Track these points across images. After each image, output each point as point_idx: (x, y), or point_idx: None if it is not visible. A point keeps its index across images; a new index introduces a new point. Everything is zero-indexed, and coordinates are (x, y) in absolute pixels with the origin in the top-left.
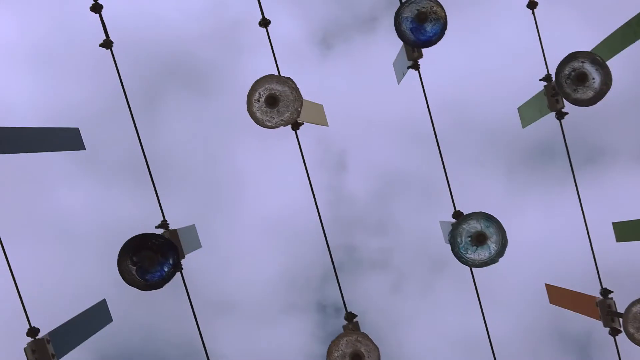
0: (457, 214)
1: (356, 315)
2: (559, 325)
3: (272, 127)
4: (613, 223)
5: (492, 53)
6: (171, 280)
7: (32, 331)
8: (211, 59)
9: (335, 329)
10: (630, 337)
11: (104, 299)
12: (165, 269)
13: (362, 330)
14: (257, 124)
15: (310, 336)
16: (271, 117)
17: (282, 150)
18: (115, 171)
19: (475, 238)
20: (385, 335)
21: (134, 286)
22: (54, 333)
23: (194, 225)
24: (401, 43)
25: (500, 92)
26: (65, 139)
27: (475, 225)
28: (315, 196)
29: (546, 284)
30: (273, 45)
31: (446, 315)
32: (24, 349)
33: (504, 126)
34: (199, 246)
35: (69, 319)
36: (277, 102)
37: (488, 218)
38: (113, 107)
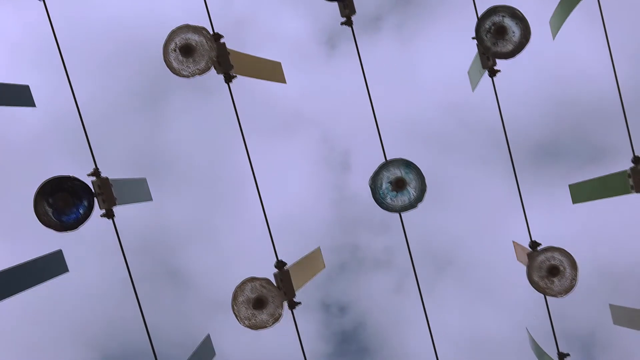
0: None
1: (286, 264)
2: (561, 326)
3: (188, 76)
4: (569, 185)
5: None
6: (172, 280)
7: None
8: None
9: (339, 328)
10: (536, 286)
11: (60, 250)
12: (81, 211)
13: (365, 331)
14: (174, 73)
15: (314, 335)
16: (187, 66)
17: (285, 150)
18: (118, 169)
19: (395, 184)
20: (388, 335)
21: (50, 227)
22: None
23: (144, 178)
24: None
25: (503, 92)
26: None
27: (395, 172)
28: (319, 195)
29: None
30: (279, 43)
31: (449, 315)
32: None
33: (508, 125)
34: (149, 199)
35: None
36: (192, 52)
37: (408, 165)
38: (118, 106)
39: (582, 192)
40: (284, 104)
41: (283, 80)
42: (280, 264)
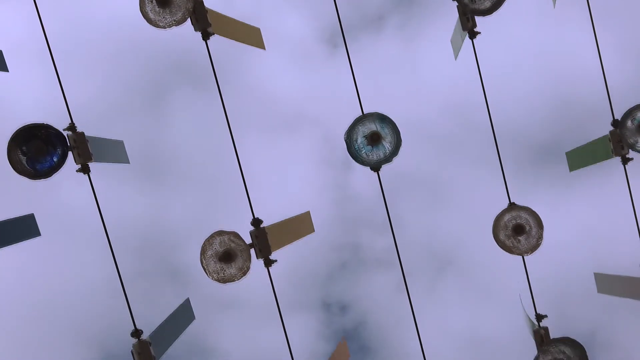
0: None
1: (262, 221)
2: (562, 326)
3: (164, 27)
4: (566, 153)
5: (498, 53)
6: (173, 279)
7: None
8: (216, 56)
9: (340, 327)
10: (502, 244)
11: (32, 214)
12: (55, 160)
13: (366, 330)
14: (150, 24)
15: (315, 334)
16: (163, 17)
17: (287, 148)
18: (121, 168)
19: (370, 138)
20: (388, 334)
21: (24, 175)
22: None
23: (122, 141)
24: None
25: (506, 92)
26: None
27: (370, 126)
28: (321, 195)
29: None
30: (282, 42)
31: (450, 315)
32: None
33: (511, 126)
34: (126, 161)
35: None
36: (169, 3)
37: (383, 119)
38: (120, 105)
39: (576, 160)
40: (287, 103)
41: (262, 46)
42: (256, 222)
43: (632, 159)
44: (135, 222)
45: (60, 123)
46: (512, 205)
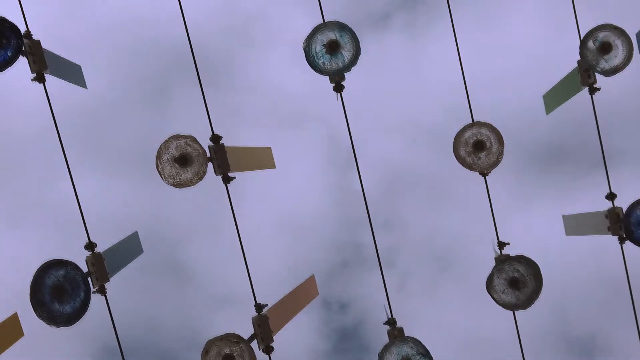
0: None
1: (221, 137)
2: (562, 329)
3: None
4: (543, 96)
5: (501, 52)
6: (175, 274)
7: None
8: (222, 53)
9: (339, 325)
10: (462, 161)
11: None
12: (8, 54)
13: (366, 329)
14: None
15: (315, 332)
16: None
17: (289, 147)
18: (122, 161)
19: (329, 46)
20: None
21: None
22: None
23: (80, 66)
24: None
25: (508, 93)
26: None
27: (329, 34)
28: (323, 193)
29: None
30: (287, 40)
31: (451, 315)
32: None
33: (512, 127)
34: (84, 86)
35: None
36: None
37: (342, 27)
38: (121, 98)
39: (553, 100)
40: (291, 100)
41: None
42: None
43: (599, 89)
44: (137, 216)
45: (65, 114)
46: (473, 123)
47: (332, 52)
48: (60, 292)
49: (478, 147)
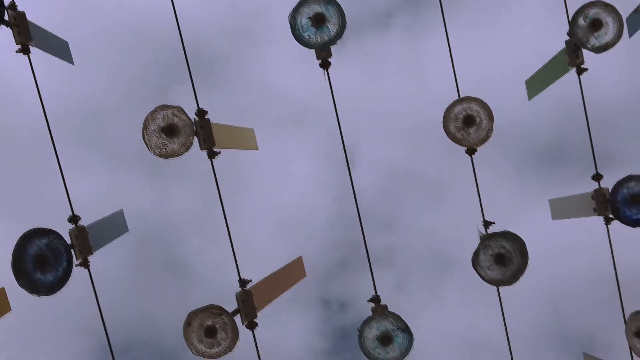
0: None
1: (206, 112)
2: (561, 328)
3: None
4: (525, 81)
5: (502, 52)
6: (174, 271)
7: None
8: (224, 51)
9: (339, 324)
10: (452, 136)
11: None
12: None
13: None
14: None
15: (314, 331)
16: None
17: (292, 143)
18: (126, 159)
19: (315, 19)
20: None
21: None
22: None
23: (67, 42)
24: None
25: (509, 93)
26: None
27: (315, 7)
28: (323, 191)
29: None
30: (289, 38)
31: (451, 314)
32: None
33: (514, 127)
34: (70, 61)
35: None
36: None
37: (328, 0)
38: (127, 96)
39: (536, 85)
40: (292, 97)
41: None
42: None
43: (586, 69)
44: (136, 213)
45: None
46: (463, 98)
47: (318, 25)
48: (43, 261)
49: (468, 123)
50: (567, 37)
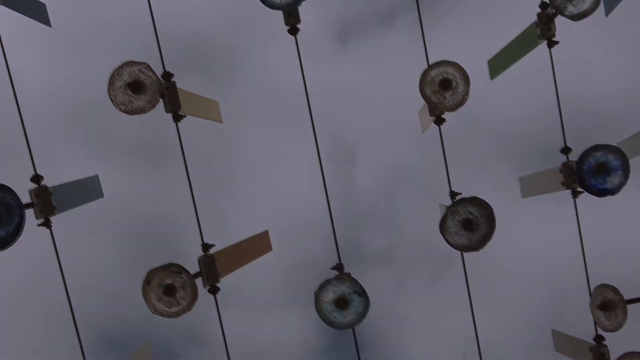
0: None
1: (172, 74)
2: (559, 328)
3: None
4: (488, 61)
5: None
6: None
7: None
8: (228, 45)
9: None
10: (427, 98)
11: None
12: None
13: (364, 328)
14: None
15: (312, 329)
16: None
17: (291, 144)
18: (126, 152)
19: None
20: (387, 332)
21: None
22: None
23: (44, 4)
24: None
25: (510, 95)
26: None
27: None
28: (322, 190)
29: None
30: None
31: (449, 314)
32: None
33: (514, 130)
34: (48, 25)
35: None
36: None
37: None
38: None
39: (499, 64)
40: (294, 96)
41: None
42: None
43: (557, 42)
44: (135, 208)
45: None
46: (439, 62)
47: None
48: None
49: (444, 86)
50: (539, 10)
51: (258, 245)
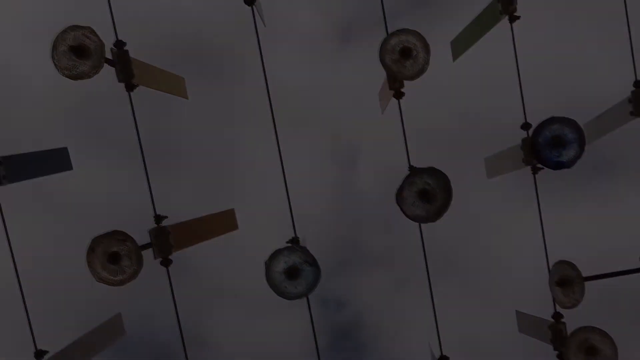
0: None
1: (125, 43)
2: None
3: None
4: (451, 42)
5: (501, 57)
6: (171, 267)
7: None
8: (225, 45)
9: (336, 323)
10: (388, 69)
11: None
12: None
13: (363, 328)
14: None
15: (310, 328)
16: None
17: (291, 143)
18: (124, 152)
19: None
20: (387, 333)
21: None
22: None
23: None
24: None
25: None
26: None
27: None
28: (323, 190)
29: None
30: (292, 36)
31: (449, 315)
32: None
33: (512, 132)
34: None
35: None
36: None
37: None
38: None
39: (461, 43)
40: (294, 97)
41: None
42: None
43: (519, 17)
44: (136, 207)
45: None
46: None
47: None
48: None
49: (404, 55)
50: None
51: (222, 222)
